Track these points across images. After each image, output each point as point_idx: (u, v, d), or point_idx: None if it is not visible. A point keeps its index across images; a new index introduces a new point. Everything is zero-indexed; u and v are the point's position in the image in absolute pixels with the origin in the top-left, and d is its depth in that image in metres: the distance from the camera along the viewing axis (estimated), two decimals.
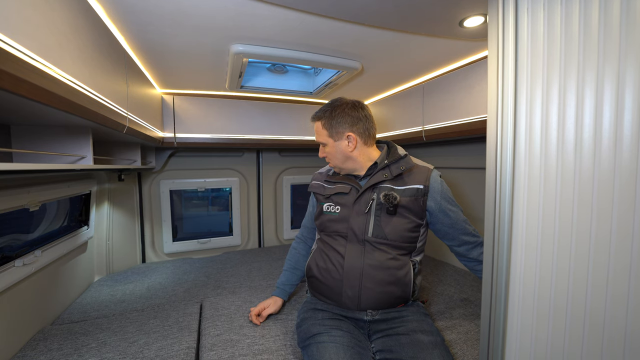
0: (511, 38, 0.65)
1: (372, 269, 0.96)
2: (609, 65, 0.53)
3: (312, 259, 1.11)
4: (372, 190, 1.01)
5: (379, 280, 0.96)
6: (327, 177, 1.14)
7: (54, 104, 0.61)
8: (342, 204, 1.05)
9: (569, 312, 0.60)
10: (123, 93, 1.00)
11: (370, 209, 0.99)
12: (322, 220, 1.09)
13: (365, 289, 0.96)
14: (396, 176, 1.00)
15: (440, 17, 0.88)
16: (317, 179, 1.18)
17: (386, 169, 1.01)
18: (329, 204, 1.08)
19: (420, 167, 1.04)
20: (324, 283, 1.04)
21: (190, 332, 1.12)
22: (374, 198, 1.00)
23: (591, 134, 0.55)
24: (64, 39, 0.64)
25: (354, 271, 0.97)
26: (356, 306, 0.98)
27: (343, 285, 0.98)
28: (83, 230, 1.52)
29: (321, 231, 1.11)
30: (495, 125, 0.68)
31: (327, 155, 1.08)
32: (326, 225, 1.07)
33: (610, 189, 0.54)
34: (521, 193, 0.66)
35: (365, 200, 1.01)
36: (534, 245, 0.64)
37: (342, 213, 1.04)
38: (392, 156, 1.04)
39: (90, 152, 0.94)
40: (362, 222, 0.99)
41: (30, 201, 1.07)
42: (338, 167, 1.09)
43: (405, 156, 1.03)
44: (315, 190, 1.15)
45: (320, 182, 1.15)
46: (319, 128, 1.06)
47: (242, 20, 0.94)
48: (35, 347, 1.03)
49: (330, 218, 1.06)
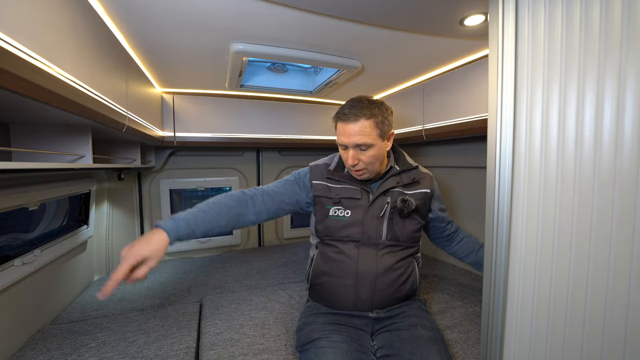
0: (511, 36, 0.65)
1: (385, 270, 0.97)
2: (610, 65, 0.53)
3: (316, 266, 1.06)
4: (385, 194, 1.00)
5: (391, 281, 0.98)
6: (328, 175, 1.05)
7: (53, 102, 0.60)
8: (353, 207, 1.00)
9: (568, 313, 0.60)
10: (122, 91, 1.00)
11: (384, 213, 0.98)
12: (328, 224, 1.01)
13: (379, 291, 0.96)
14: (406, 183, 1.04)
15: (440, 15, 0.88)
16: (317, 177, 1.06)
17: (397, 176, 1.02)
18: (338, 207, 1.00)
19: (424, 172, 1.09)
20: (334, 290, 1.01)
21: (190, 331, 1.12)
22: (388, 202, 0.99)
23: (592, 134, 0.55)
24: (62, 36, 0.64)
25: (368, 275, 0.96)
26: (368, 308, 0.98)
27: (356, 289, 0.97)
28: (82, 230, 1.51)
29: (326, 236, 1.03)
30: (496, 124, 0.68)
31: (368, 159, 0.93)
32: (334, 230, 1.01)
33: (610, 190, 0.53)
34: (521, 192, 0.66)
35: (379, 205, 0.99)
36: (533, 246, 0.64)
37: (353, 217, 0.99)
38: (404, 164, 1.05)
39: (89, 151, 0.94)
40: (375, 226, 0.98)
41: (29, 200, 1.07)
42: (368, 173, 0.97)
43: (416, 167, 1.07)
44: (319, 193, 1.03)
45: (323, 183, 1.04)
46: (366, 127, 0.90)
47: (242, 19, 0.94)
48: (35, 346, 1.03)
49: (339, 222, 1.00)
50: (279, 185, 1.06)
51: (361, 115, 0.90)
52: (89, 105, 0.74)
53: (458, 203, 1.77)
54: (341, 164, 1.06)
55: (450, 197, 1.80)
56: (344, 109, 0.93)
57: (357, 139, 0.90)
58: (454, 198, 1.79)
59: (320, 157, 1.15)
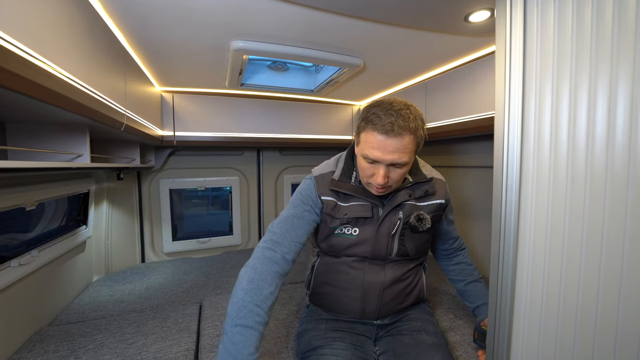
0: (519, 32, 0.63)
1: (393, 282, 0.93)
2: (623, 60, 0.51)
3: (317, 276, 0.99)
4: (396, 209, 0.89)
5: (398, 293, 0.95)
6: (332, 186, 0.89)
7: (49, 99, 0.59)
8: (362, 225, 0.89)
9: (579, 308, 0.58)
10: (121, 90, 0.98)
11: (396, 231, 0.89)
12: (333, 242, 0.91)
13: (385, 303, 0.93)
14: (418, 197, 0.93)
15: (444, 11, 0.86)
16: (324, 191, 0.89)
17: (410, 189, 0.91)
18: (345, 226, 0.89)
19: (437, 180, 0.96)
20: (337, 301, 0.96)
21: (189, 333, 1.10)
22: (400, 218, 0.88)
23: (604, 131, 0.53)
24: (58, 33, 0.62)
25: (374, 287, 0.92)
26: (374, 318, 0.96)
27: (363, 302, 0.93)
28: (81, 230, 1.50)
29: (331, 252, 0.95)
30: (503, 122, 0.66)
31: (398, 177, 0.81)
32: (339, 249, 0.92)
33: (624, 188, 0.52)
34: (529, 192, 0.64)
35: (390, 221, 0.88)
36: (542, 246, 0.63)
37: (361, 235, 0.89)
38: (417, 176, 0.92)
39: (87, 150, 0.92)
40: (385, 243, 0.89)
41: (27, 200, 1.05)
42: (391, 190, 0.87)
43: (431, 179, 0.94)
44: (328, 211, 0.89)
45: (333, 199, 0.89)
46: (408, 144, 0.76)
47: (242, 15, 0.92)
48: (32, 348, 1.01)
49: (345, 241, 0.90)
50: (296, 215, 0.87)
51: (406, 129, 0.74)
52: (87, 103, 0.73)
53: (463, 203, 1.76)
54: (347, 171, 0.91)
55: (454, 198, 1.79)
56: (382, 117, 0.74)
57: (396, 157, 0.75)
58: (458, 198, 1.78)
59: (322, 157, 1.11)
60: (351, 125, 2.13)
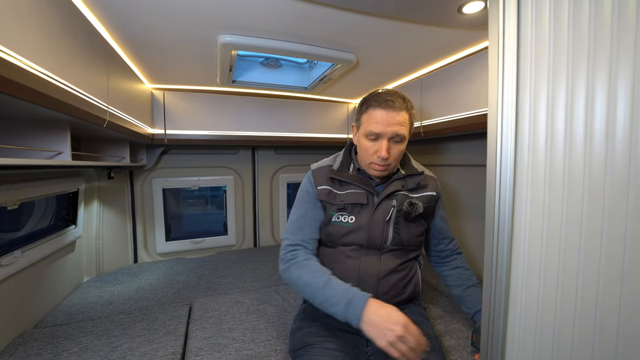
0: (513, 23, 0.60)
1: (388, 274, 0.93)
2: (623, 53, 0.48)
3: None
4: (390, 198, 0.95)
5: (394, 285, 0.94)
6: (331, 175, 0.96)
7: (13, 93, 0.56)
8: (357, 212, 0.94)
9: (577, 314, 0.55)
10: (102, 85, 0.95)
11: (390, 217, 0.93)
12: (331, 231, 0.95)
13: (381, 295, 0.92)
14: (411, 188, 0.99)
15: (437, 2, 0.83)
16: (320, 181, 0.97)
17: (402, 180, 0.97)
18: (342, 213, 0.94)
19: (428, 175, 1.04)
20: None
21: (176, 336, 1.07)
22: (394, 205, 0.93)
23: (603, 127, 0.50)
24: (24, 21, 0.59)
25: (370, 278, 0.92)
26: None
27: None
28: (70, 230, 1.47)
29: (328, 242, 0.98)
30: (496, 118, 0.63)
31: (397, 154, 0.90)
32: (336, 237, 0.95)
33: (624, 186, 0.48)
34: (524, 191, 0.61)
35: (384, 209, 0.94)
36: (537, 248, 0.60)
37: (357, 223, 0.93)
38: (409, 169, 1.00)
39: (67, 147, 0.89)
40: (380, 230, 0.93)
41: (9, 199, 1.02)
42: (390, 170, 0.94)
43: (422, 173, 1.01)
44: (324, 199, 0.95)
45: (328, 187, 0.96)
46: (405, 120, 0.88)
47: (229, 8, 0.89)
48: (14, 352, 0.98)
49: (342, 229, 0.94)
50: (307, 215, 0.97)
51: (403, 107, 0.87)
52: (62, 98, 0.70)
53: (458, 203, 1.72)
54: (345, 163, 0.99)
55: (450, 197, 1.75)
56: (382, 96, 0.87)
57: (397, 129, 0.86)
58: (454, 197, 1.74)
59: (318, 156, 1.11)
60: (347, 123, 2.10)
